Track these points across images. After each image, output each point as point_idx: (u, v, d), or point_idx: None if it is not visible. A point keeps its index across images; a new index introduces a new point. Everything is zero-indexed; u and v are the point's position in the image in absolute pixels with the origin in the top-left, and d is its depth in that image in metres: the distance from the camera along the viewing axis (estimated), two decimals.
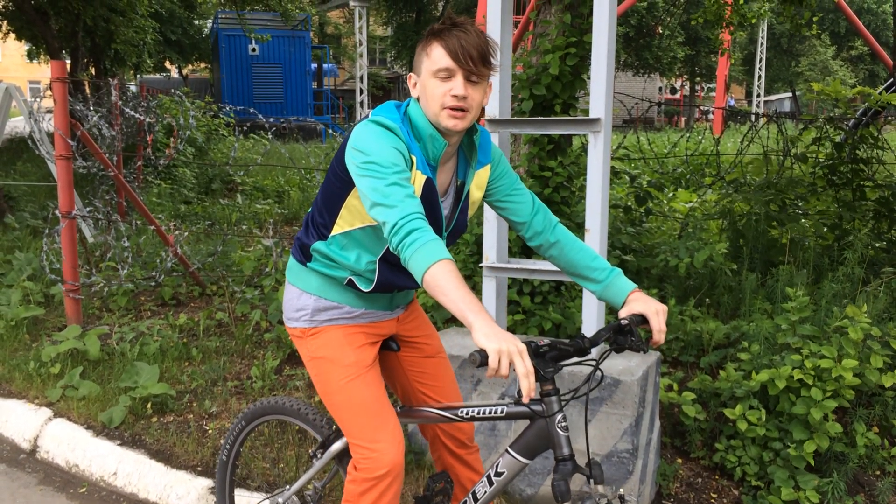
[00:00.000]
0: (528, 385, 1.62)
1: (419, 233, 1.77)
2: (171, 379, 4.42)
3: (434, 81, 1.94)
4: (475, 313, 1.67)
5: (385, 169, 1.85)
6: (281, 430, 3.78)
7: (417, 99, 2.02)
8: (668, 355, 4.15)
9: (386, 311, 2.26)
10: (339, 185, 2.05)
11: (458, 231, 2.18)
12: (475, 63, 1.90)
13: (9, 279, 6.10)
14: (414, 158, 1.96)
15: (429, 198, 2.01)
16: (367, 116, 2.03)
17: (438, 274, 1.72)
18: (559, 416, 1.91)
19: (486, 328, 1.65)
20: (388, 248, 2.07)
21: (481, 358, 1.64)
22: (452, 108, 1.93)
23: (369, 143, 1.90)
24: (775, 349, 3.62)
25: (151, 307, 5.81)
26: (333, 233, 2.11)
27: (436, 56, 1.93)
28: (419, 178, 1.97)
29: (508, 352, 1.62)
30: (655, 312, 1.99)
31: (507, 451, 2.03)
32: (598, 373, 1.94)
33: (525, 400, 1.64)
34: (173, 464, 3.61)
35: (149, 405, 4.08)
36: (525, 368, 1.63)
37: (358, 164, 1.89)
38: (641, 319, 2.00)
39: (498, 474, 2.05)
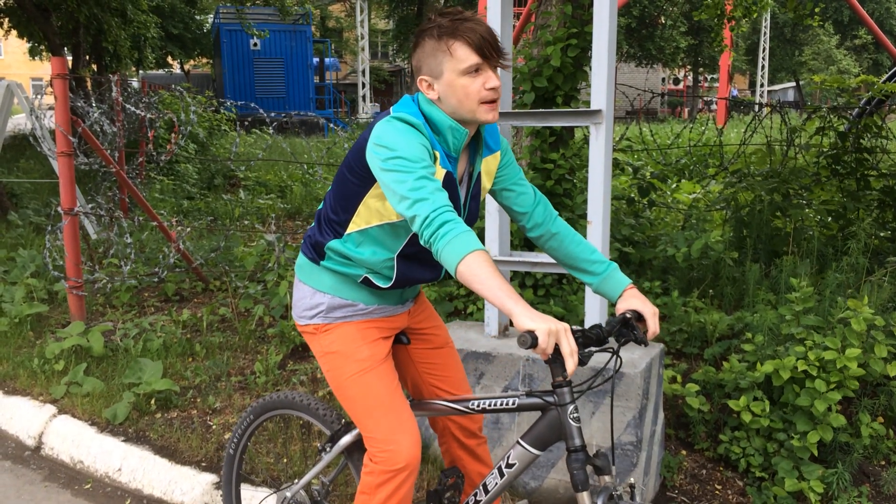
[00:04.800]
0: (573, 364, 1.69)
1: (451, 224, 1.79)
2: (174, 375, 4.43)
3: (465, 79, 1.94)
4: (514, 300, 1.72)
5: (413, 164, 1.85)
6: (285, 425, 3.78)
7: (437, 99, 2.00)
8: (672, 347, 4.14)
9: (398, 306, 2.27)
10: (356, 182, 2.04)
11: (472, 217, 2.20)
12: (498, 52, 1.95)
13: (12, 276, 6.11)
14: (437, 154, 1.97)
15: (450, 190, 2.03)
16: (384, 113, 2.02)
17: (473, 264, 1.75)
18: (571, 408, 1.93)
19: (528, 312, 1.70)
20: (405, 244, 2.08)
21: (531, 339, 1.67)
22: (490, 101, 1.96)
23: (395, 139, 1.90)
24: (779, 340, 3.61)
25: (154, 303, 5.82)
26: (349, 231, 2.10)
27: (461, 54, 1.92)
28: (440, 173, 1.98)
29: (557, 331, 1.68)
30: (653, 314, 2.06)
31: (518, 442, 2.04)
32: (618, 361, 1.97)
33: (569, 375, 1.71)
34: (177, 459, 3.61)
35: (153, 401, 4.09)
36: (570, 347, 1.69)
37: (383, 160, 1.89)
38: (638, 316, 2.07)
39: (509, 466, 2.07)
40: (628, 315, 2.04)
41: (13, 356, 4.78)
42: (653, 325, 2.05)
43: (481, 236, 4.63)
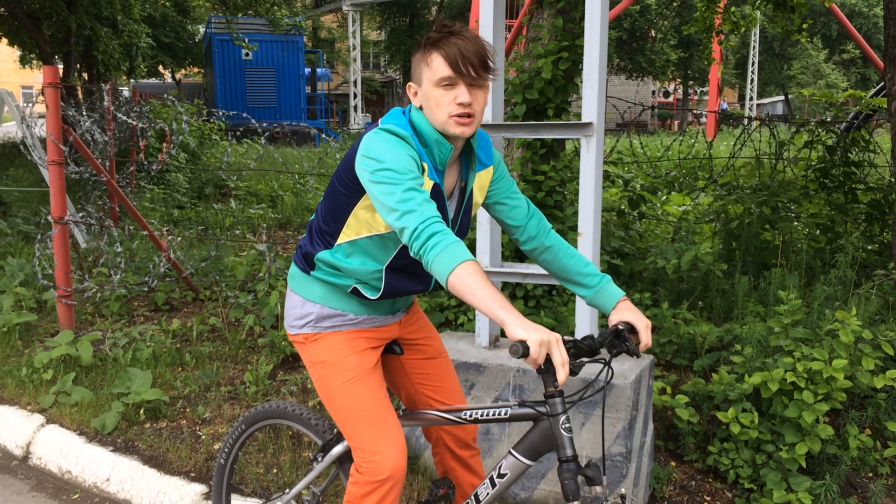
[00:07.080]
0: (564, 374, 1.70)
1: (440, 236, 1.80)
2: (164, 384, 4.41)
3: (438, 91, 1.95)
4: (506, 310, 1.72)
5: (401, 175, 1.86)
6: (275, 436, 3.77)
7: (420, 108, 2.03)
8: (662, 358, 4.16)
9: (388, 316, 2.28)
10: (346, 193, 2.05)
11: (462, 232, 2.20)
12: (476, 69, 1.93)
13: (1, 285, 6.07)
14: (425, 166, 1.98)
15: (437, 202, 2.03)
16: (370, 125, 2.04)
17: (464, 275, 1.76)
18: (563, 418, 1.94)
19: (520, 322, 1.71)
20: (394, 256, 2.09)
21: (523, 348, 1.69)
22: (459, 116, 1.95)
23: (383, 151, 1.91)
24: (768, 352, 3.63)
25: (144, 313, 5.80)
26: (339, 241, 2.11)
27: (436, 66, 1.94)
28: (427, 185, 1.99)
29: (548, 341, 1.69)
30: (646, 327, 2.07)
31: (510, 452, 2.05)
32: (609, 372, 1.98)
33: (560, 385, 1.73)
34: (166, 470, 3.60)
35: (142, 411, 4.07)
36: (562, 358, 1.70)
37: (371, 172, 1.90)
38: (631, 328, 2.08)
39: (501, 476, 2.08)
40: (621, 327, 2.05)
41: (1, 365, 4.75)
42: (645, 338, 2.06)
43: (472, 247, 4.65)
